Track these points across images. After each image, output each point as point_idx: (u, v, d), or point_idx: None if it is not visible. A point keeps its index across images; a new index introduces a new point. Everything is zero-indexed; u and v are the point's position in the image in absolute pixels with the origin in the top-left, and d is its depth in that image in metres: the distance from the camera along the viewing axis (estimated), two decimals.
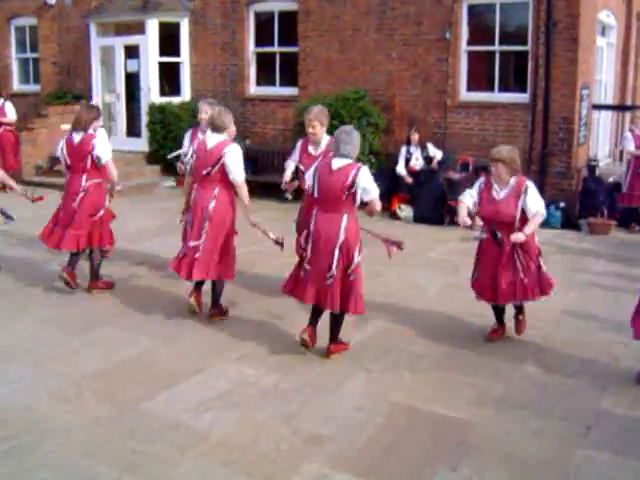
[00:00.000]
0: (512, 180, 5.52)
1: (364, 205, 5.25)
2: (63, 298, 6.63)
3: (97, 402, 4.64)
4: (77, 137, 6.64)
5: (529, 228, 5.44)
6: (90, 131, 6.70)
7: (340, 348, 5.45)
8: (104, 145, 6.73)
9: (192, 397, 4.72)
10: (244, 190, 6.01)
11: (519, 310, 5.86)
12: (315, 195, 5.27)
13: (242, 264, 7.57)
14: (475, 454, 4.07)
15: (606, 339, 5.82)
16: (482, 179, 5.75)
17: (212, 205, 5.88)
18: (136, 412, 4.51)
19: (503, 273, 5.51)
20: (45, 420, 4.37)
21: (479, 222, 5.68)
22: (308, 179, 5.39)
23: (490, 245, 5.57)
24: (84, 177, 6.62)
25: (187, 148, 7.09)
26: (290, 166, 6.67)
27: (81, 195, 6.60)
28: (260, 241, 8.78)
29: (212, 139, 5.99)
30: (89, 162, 6.59)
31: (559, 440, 4.24)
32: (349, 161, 5.16)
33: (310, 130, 6.34)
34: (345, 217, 5.14)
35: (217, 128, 5.98)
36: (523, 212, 5.48)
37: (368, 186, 5.11)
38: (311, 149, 6.45)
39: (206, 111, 7.17)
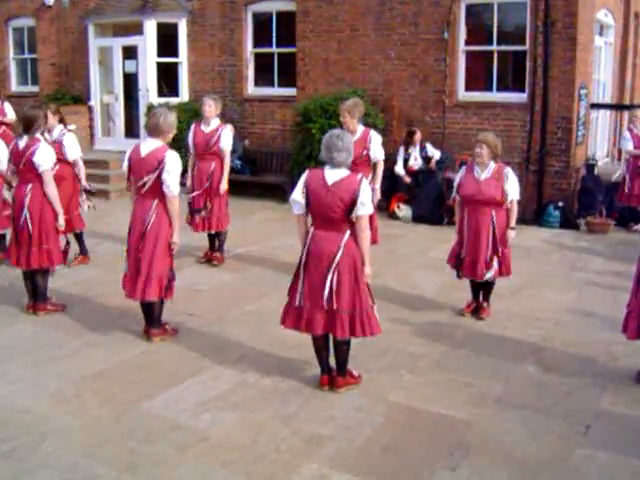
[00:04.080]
0: (492, 164, 6.04)
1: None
2: (62, 299, 6.63)
3: (96, 403, 4.65)
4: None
5: (513, 220, 6.13)
6: None
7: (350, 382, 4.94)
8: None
9: (191, 398, 4.72)
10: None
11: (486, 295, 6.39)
12: (309, 212, 4.69)
13: (241, 265, 7.58)
14: (474, 454, 4.08)
15: (605, 338, 5.82)
16: (463, 167, 6.36)
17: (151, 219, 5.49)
18: (135, 413, 4.52)
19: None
20: (45, 421, 4.38)
21: None
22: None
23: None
24: None
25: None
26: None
27: None
28: (259, 241, 8.81)
29: (148, 145, 5.48)
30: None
31: (558, 440, 4.25)
32: (346, 172, 4.60)
33: (341, 119, 6.95)
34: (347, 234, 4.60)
35: (158, 132, 5.44)
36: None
37: (367, 201, 4.55)
38: None
39: (210, 105, 7.55)
